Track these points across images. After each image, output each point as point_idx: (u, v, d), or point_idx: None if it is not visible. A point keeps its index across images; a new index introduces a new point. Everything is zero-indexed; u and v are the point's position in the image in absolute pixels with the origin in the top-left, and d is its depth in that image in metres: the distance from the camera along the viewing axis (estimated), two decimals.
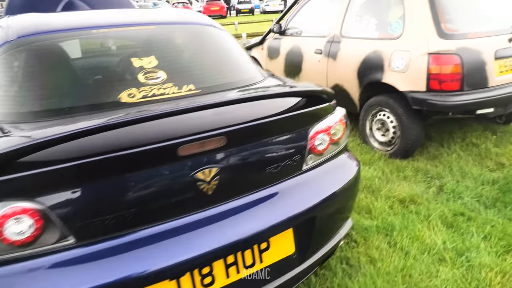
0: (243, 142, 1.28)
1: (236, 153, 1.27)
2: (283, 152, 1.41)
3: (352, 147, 3.50)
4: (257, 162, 1.33)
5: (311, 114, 1.51)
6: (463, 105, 2.73)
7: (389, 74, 3.07)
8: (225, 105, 1.23)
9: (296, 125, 1.45)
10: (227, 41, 1.98)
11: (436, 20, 2.79)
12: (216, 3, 27.61)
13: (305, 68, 4.12)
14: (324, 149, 1.55)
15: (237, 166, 1.27)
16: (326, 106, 1.59)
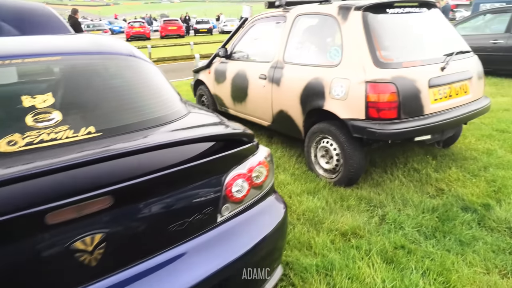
0: (137, 200, 1.09)
1: (128, 213, 1.08)
2: (191, 205, 1.24)
3: (298, 175, 3.40)
4: (156, 221, 1.15)
5: (226, 159, 1.36)
6: (401, 133, 2.73)
7: (330, 101, 3.03)
8: (113, 159, 1.04)
9: (207, 173, 1.30)
10: (144, 73, 1.81)
11: (372, 49, 2.79)
12: (174, 23, 27.42)
13: (251, 93, 4.04)
14: (243, 195, 1.41)
15: (129, 229, 1.09)
16: (246, 148, 1.45)
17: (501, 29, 7.43)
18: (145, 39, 25.54)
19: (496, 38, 7.31)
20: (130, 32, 25.59)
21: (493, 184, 3.02)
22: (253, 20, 4.24)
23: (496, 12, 8.08)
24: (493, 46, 7.29)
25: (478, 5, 19.92)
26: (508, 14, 7.38)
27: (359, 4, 2.97)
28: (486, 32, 7.96)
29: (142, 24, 26.50)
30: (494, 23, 8.16)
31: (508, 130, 4.32)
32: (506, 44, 7.17)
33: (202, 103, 5.37)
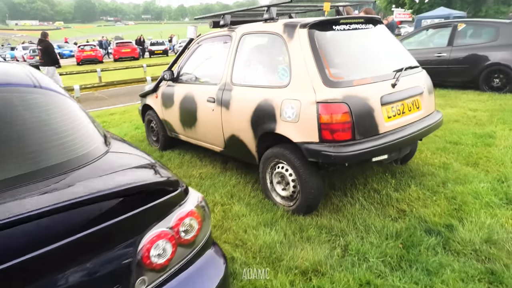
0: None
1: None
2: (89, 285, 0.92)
3: (254, 204, 3.14)
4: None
5: (141, 216, 1.07)
6: (358, 155, 2.56)
7: (281, 124, 2.82)
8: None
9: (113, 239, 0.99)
10: (51, 108, 1.48)
11: (320, 68, 2.63)
12: (128, 45, 26.78)
13: (200, 117, 3.76)
14: (167, 260, 1.11)
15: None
16: (169, 199, 1.16)
17: (444, 43, 7.76)
18: (97, 63, 24.67)
19: (440, 52, 7.60)
20: (81, 56, 24.65)
21: (453, 202, 2.92)
22: (198, 40, 4.01)
23: (438, 27, 8.46)
24: (437, 59, 7.56)
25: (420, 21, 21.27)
26: (448, 29, 7.73)
27: (305, 22, 2.83)
28: (430, 46, 8.29)
29: (94, 48, 25.62)
30: (436, 38, 8.53)
31: (460, 142, 4.35)
32: (449, 57, 7.46)
33: (151, 129, 5.01)
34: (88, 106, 8.98)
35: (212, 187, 3.54)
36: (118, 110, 7.96)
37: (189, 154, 4.59)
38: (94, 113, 7.89)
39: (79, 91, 7.78)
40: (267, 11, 3.13)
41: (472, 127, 4.93)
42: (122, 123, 6.69)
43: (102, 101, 9.85)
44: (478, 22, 7.67)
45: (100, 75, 12.33)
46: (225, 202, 3.22)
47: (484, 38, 7.26)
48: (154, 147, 4.99)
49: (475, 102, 6.36)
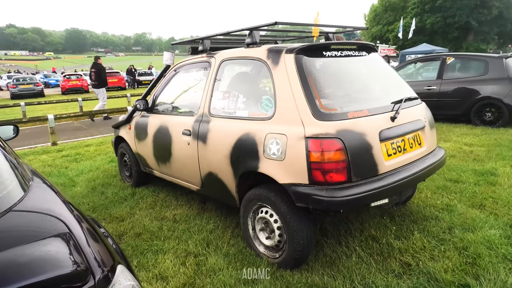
0: None
1: None
2: None
3: (233, 255, 2.66)
4: None
5: None
6: (354, 200, 2.14)
7: (265, 162, 2.42)
8: None
9: None
10: None
11: (309, 98, 2.27)
12: (115, 75, 26.54)
13: (175, 152, 3.34)
14: None
15: None
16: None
17: (433, 76, 7.63)
18: (83, 92, 24.28)
19: (430, 85, 7.45)
20: (66, 85, 24.29)
21: (465, 254, 2.50)
22: (175, 67, 3.65)
23: (426, 60, 8.38)
24: (427, 92, 7.40)
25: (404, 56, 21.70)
26: (437, 62, 7.63)
27: (292, 47, 2.49)
28: (419, 79, 8.16)
29: (79, 77, 25.30)
30: (425, 71, 8.44)
31: (461, 180, 4.00)
32: (439, 90, 7.31)
33: (124, 164, 4.55)
34: (64, 136, 8.48)
35: (186, 233, 3.06)
36: (94, 142, 7.48)
37: (164, 192, 4.12)
38: (68, 145, 7.39)
39: (54, 121, 7.29)
40: (249, 35, 2.81)
41: (471, 163, 4.62)
42: (96, 156, 6.19)
43: (81, 131, 9.36)
44: (467, 56, 7.60)
45: (81, 105, 11.88)
46: (199, 252, 2.74)
47: (473, 71, 7.16)
48: (127, 183, 4.51)
49: (469, 136, 6.11)
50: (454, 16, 33.44)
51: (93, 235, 1.22)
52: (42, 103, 12.03)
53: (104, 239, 1.33)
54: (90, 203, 3.90)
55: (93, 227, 1.36)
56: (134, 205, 3.78)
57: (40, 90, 22.89)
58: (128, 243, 2.94)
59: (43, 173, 5.21)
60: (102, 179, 4.75)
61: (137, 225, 3.26)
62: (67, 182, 4.72)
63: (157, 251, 2.80)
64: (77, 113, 7.93)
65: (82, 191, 4.30)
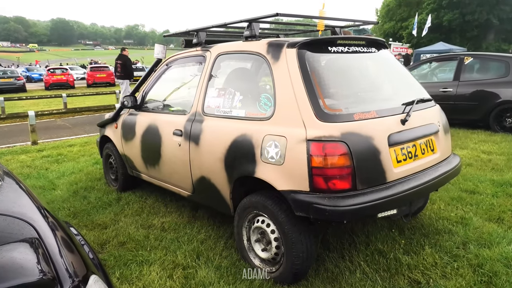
0: None
1: None
2: None
3: (226, 268, 2.64)
4: None
5: None
6: (359, 209, 2.13)
7: (262, 166, 2.40)
8: None
9: None
10: None
11: (312, 97, 2.26)
12: (103, 70, 26.58)
13: (165, 154, 3.32)
14: None
15: None
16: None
17: (449, 77, 7.64)
18: (68, 88, 24.32)
19: (446, 86, 7.45)
20: (50, 80, 24.32)
21: (480, 272, 2.48)
22: (167, 61, 3.65)
23: (442, 60, 8.40)
24: (443, 95, 7.40)
25: (419, 55, 21.72)
26: (454, 62, 7.64)
27: (294, 40, 2.49)
28: (434, 80, 8.17)
29: (65, 71, 25.34)
30: (440, 71, 8.45)
31: (477, 191, 3.98)
32: (456, 93, 7.30)
33: (109, 166, 4.53)
34: (46, 135, 8.47)
35: (175, 243, 3.04)
36: (78, 142, 7.47)
37: (153, 197, 4.10)
38: (50, 144, 7.38)
39: (35, 118, 7.28)
40: (248, 27, 2.81)
41: (489, 172, 4.60)
42: (79, 157, 6.18)
43: (64, 130, 9.35)
44: (487, 56, 7.61)
45: (65, 101, 11.89)
46: (188, 264, 2.72)
47: (493, 73, 7.16)
48: (112, 187, 4.49)
49: (487, 143, 6.10)
50: (474, 13, 33.51)
51: (66, 242, 1.21)
52: (23, 98, 12.04)
53: (80, 247, 1.31)
54: (71, 208, 3.88)
55: (68, 234, 1.35)
56: (119, 211, 3.76)
57: (22, 84, 22.91)
58: (110, 253, 2.92)
59: (20, 174, 5.19)
60: (85, 182, 4.73)
61: (122, 233, 3.24)
62: (47, 185, 4.70)
63: (142, 262, 2.78)
64: (61, 110, 7.93)
65: (62, 195, 4.28)
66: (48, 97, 13.21)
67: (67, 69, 27.00)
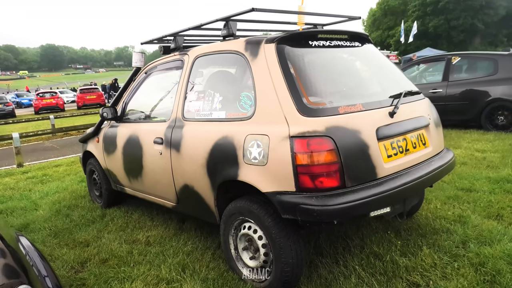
0: None
1: None
2: None
3: (213, 280, 2.48)
4: None
5: None
6: (350, 208, 1.99)
7: (245, 169, 2.27)
8: None
9: None
10: None
11: (294, 92, 2.14)
12: (93, 91, 26.50)
13: (147, 164, 3.18)
14: None
15: None
16: None
17: (438, 78, 7.61)
18: (59, 111, 24.14)
19: (435, 87, 7.41)
20: (40, 104, 24.15)
21: (482, 271, 2.34)
22: (146, 69, 3.53)
23: (430, 61, 8.38)
24: (433, 96, 7.34)
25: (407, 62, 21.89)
26: (442, 63, 7.61)
27: (272, 36, 2.39)
28: (423, 82, 8.14)
29: (54, 95, 25.20)
30: (429, 73, 8.43)
31: (474, 188, 3.86)
32: (446, 93, 7.26)
33: (93, 182, 4.36)
34: (33, 157, 8.27)
35: (160, 257, 2.87)
36: (65, 162, 7.28)
37: (139, 212, 3.93)
38: (35, 166, 7.19)
39: (19, 140, 7.11)
40: (225, 26, 2.70)
41: (484, 170, 4.49)
42: (65, 176, 6.00)
43: (52, 151, 9.16)
44: (474, 54, 7.60)
45: (53, 123, 11.70)
46: (173, 278, 2.55)
47: (482, 71, 7.13)
48: (97, 204, 4.31)
49: (481, 142, 6.01)
50: (459, 18, 34.09)
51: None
52: (9, 122, 11.84)
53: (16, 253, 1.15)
54: (52, 227, 3.69)
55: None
56: (103, 228, 3.58)
57: (11, 110, 22.73)
58: (91, 271, 2.74)
59: (2, 196, 5.00)
60: (68, 200, 4.55)
61: (104, 250, 3.06)
62: (29, 205, 4.51)
63: (124, 278, 2.60)
64: (46, 131, 7.76)
65: (44, 215, 4.10)
66: (36, 120, 13.02)
67: (57, 92, 26.86)
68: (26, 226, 3.81)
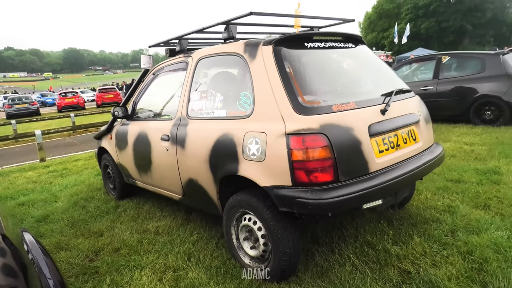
0: None
1: None
2: None
3: (216, 268, 2.44)
4: None
5: None
6: (344, 201, 1.93)
7: (244, 164, 2.21)
8: None
9: None
10: None
11: (290, 91, 2.07)
12: (111, 91, 26.50)
13: (155, 159, 3.13)
14: None
15: None
16: None
17: (429, 76, 7.47)
18: (79, 109, 24.23)
19: (426, 85, 7.27)
20: (62, 103, 24.22)
21: (470, 259, 2.27)
22: (153, 71, 3.48)
23: (421, 60, 8.24)
24: (424, 93, 7.21)
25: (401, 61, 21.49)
26: (433, 62, 7.47)
27: (270, 38, 2.31)
28: (415, 80, 8.01)
29: (75, 95, 25.25)
30: (421, 71, 8.29)
31: (462, 179, 3.77)
32: (436, 90, 7.13)
33: (108, 175, 4.33)
34: (55, 152, 8.29)
35: (167, 246, 2.83)
36: (83, 156, 7.27)
37: (149, 203, 3.90)
38: (56, 160, 7.20)
39: (41, 137, 7.10)
40: (225, 29, 2.63)
41: (472, 162, 4.40)
42: (83, 170, 5.98)
43: (72, 147, 9.17)
44: (463, 54, 7.44)
45: (74, 120, 11.73)
46: (179, 266, 2.51)
47: (470, 70, 6.98)
48: (112, 196, 4.29)
49: (469, 135, 5.90)
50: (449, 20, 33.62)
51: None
52: (33, 120, 11.87)
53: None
54: (70, 218, 3.67)
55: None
56: (116, 218, 3.55)
57: (36, 109, 22.81)
58: (103, 260, 2.71)
59: (25, 189, 5.00)
60: (85, 193, 4.53)
61: (116, 240, 3.03)
62: (49, 198, 4.50)
63: (134, 267, 2.57)
64: (66, 128, 7.76)
65: (63, 206, 4.08)
66: (58, 118, 13.05)
67: (77, 92, 26.91)
68: (46, 217, 3.79)
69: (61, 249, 2.98)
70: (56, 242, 3.09)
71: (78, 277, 2.51)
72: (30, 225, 3.59)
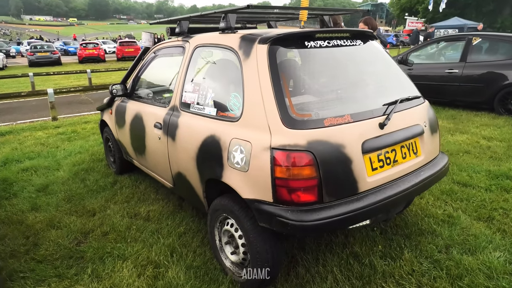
0: None
1: None
2: None
3: (197, 268, 2.42)
4: None
5: None
6: (325, 224, 1.81)
7: (228, 171, 2.10)
8: None
9: None
10: None
11: (280, 100, 1.90)
12: (131, 44, 26.26)
13: (149, 145, 3.06)
14: None
15: None
16: None
17: (456, 58, 6.97)
18: (99, 61, 24.25)
19: (451, 67, 6.81)
20: (83, 54, 24.25)
21: (458, 285, 2.16)
22: (154, 49, 3.30)
23: (450, 39, 7.67)
24: (448, 76, 6.78)
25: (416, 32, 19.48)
26: (462, 43, 6.93)
27: (267, 35, 2.10)
28: (441, 61, 7.51)
29: (96, 46, 25.15)
30: (448, 51, 7.75)
31: (471, 183, 3.57)
32: (461, 74, 6.67)
33: (109, 148, 4.32)
34: (68, 110, 8.37)
35: (154, 236, 2.83)
36: (93, 118, 7.30)
37: (146, 182, 3.89)
38: (68, 120, 7.26)
39: (53, 95, 7.13)
40: (223, 18, 2.41)
41: (486, 161, 4.15)
42: (90, 135, 6.02)
43: (86, 105, 9.22)
44: (496, 36, 6.86)
45: (90, 77, 11.72)
46: (160, 261, 2.50)
47: (502, 54, 6.46)
48: (112, 170, 4.30)
49: (489, 127, 5.55)
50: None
51: None
52: (50, 73, 11.92)
53: None
54: (68, 191, 3.71)
55: None
56: (111, 197, 3.57)
57: (57, 58, 22.95)
58: (90, 244, 2.73)
59: (32, 152, 5.07)
60: (87, 163, 4.56)
61: (107, 222, 3.05)
62: (53, 165, 4.56)
63: (118, 256, 2.58)
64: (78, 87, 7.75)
65: (63, 176, 4.13)
66: (74, 73, 13.08)
67: (98, 43, 26.76)
68: (46, 187, 3.84)
69: (52, 227, 3.02)
70: (49, 219, 3.13)
71: (63, 261, 2.55)
72: (29, 195, 3.64)
